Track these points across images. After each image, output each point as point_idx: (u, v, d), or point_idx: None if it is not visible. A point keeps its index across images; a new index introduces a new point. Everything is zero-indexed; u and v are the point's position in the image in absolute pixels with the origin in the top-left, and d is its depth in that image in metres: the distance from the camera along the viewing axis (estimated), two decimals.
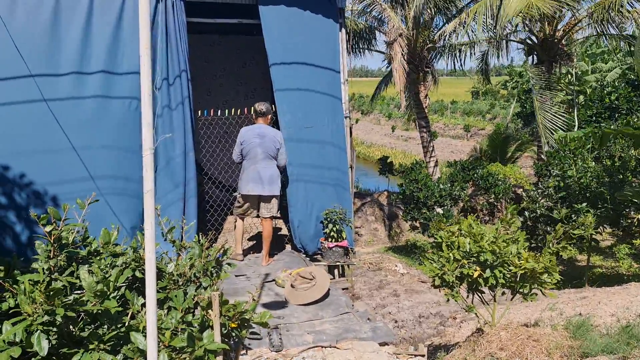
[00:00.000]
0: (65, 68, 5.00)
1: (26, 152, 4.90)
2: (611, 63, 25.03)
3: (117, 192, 5.18)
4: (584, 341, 4.00)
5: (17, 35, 4.80)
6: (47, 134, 4.96)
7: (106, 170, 5.16)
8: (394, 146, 32.88)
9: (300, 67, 6.18)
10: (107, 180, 5.14)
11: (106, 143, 5.17)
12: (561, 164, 9.26)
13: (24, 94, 4.87)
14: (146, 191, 2.02)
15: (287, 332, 4.17)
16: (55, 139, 4.97)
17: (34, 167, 4.91)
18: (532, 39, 13.96)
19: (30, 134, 4.91)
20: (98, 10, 5.11)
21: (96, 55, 5.10)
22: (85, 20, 5.05)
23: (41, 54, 4.92)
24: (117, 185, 5.18)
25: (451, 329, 6.88)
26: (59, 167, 5.00)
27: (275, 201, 5.93)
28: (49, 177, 4.94)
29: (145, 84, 1.98)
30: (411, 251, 11.74)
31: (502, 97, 44.99)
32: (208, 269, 3.20)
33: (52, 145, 4.97)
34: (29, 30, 4.88)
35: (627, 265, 10.02)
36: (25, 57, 4.82)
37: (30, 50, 4.86)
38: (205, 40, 8.46)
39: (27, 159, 4.90)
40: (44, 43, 4.93)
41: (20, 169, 4.88)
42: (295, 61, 6.17)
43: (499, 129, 20.43)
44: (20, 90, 4.86)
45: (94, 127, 5.11)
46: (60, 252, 2.99)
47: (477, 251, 4.40)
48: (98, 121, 5.13)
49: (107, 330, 2.63)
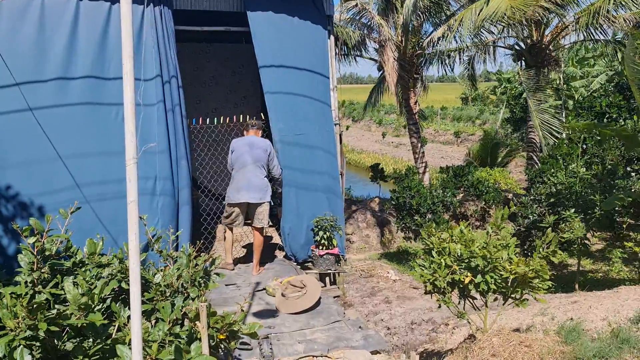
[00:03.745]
0: (50, 75, 4.96)
1: (14, 163, 4.84)
2: (598, 67, 25.27)
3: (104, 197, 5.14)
4: (576, 346, 3.99)
5: (2, 44, 4.75)
6: (34, 143, 4.90)
7: (93, 177, 5.12)
8: (384, 152, 32.97)
9: (290, 72, 6.18)
10: (93, 187, 5.09)
11: (94, 150, 5.12)
12: (553, 170, 9.31)
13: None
14: (130, 201, 1.98)
15: (277, 342, 4.12)
16: (42, 148, 4.92)
17: (22, 178, 4.85)
18: (520, 45, 14.09)
19: (18, 144, 4.86)
20: (83, 18, 5.07)
21: (82, 63, 5.06)
22: (71, 29, 5.01)
23: (26, 62, 4.87)
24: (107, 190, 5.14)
25: (443, 335, 6.85)
26: (49, 176, 4.94)
27: (266, 209, 5.89)
28: (39, 187, 4.89)
29: (128, 92, 1.95)
30: (403, 258, 11.72)
31: (492, 102, 45.29)
32: (196, 279, 3.15)
33: (39, 155, 4.91)
34: (14, 39, 4.83)
35: (617, 269, 10.06)
36: (10, 66, 4.77)
37: (14, 59, 4.81)
38: (193, 48, 8.44)
39: (14, 169, 4.84)
40: (29, 52, 4.88)
41: (7, 180, 4.82)
42: (285, 65, 6.16)
43: (489, 134, 20.56)
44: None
45: (83, 134, 5.08)
46: (44, 263, 2.93)
47: (468, 256, 4.38)
48: (87, 128, 5.10)
49: (93, 344, 2.58)
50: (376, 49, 13.80)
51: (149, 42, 5.31)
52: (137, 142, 1.99)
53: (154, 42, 5.36)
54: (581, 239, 7.76)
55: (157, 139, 5.27)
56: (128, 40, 1.93)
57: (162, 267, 3.30)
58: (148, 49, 5.31)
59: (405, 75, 13.42)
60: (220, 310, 3.24)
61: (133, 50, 1.98)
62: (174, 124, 5.51)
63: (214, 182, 7.31)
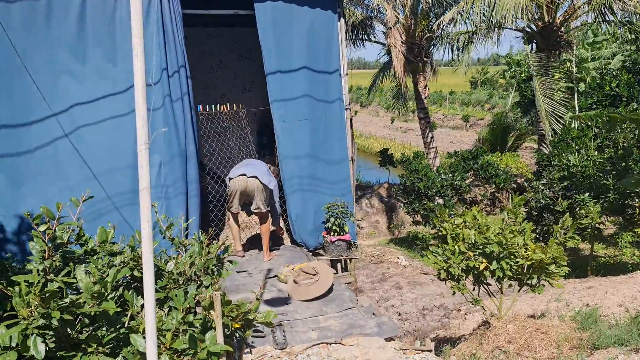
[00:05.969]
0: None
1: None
2: (610, 50, 24.82)
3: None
4: (593, 333, 3.92)
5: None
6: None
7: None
8: (393, 137, 32.77)
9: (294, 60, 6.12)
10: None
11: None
12: (564, 154, 9.16)
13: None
14: (142, 188, 1.93)
15: (291, 329, 4.08)
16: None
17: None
18: (531, 27, 13.81)
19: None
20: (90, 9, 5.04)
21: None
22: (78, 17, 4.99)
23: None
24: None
25: (456, 321, 6.81)
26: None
27: (267, 195, 5.73)
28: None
29: (139, 75, 1.88)
30: (413, 243, 11.66)
31: (501, 86, 44.82)
32: (209, 267, 3.11)
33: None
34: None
35: (630, 254, 9.94)
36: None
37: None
38: (200, 32, 8.32)
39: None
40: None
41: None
42: (290, 54, 6.09)
43: (498, 118, 20.33)
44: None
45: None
46: (56, 252, 2.90)
47: (483, 243, 4.31)
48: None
49: (106, 333, 2.54)
50: (384, 32, 13.59)
51: (157, 28, 5.24)
52: (149, 128, 1.93)
53: (162, 27, 5.28)
54: (594, 224, 7.66)
55: (163, 130, 5.26)
56: (138, 20, 1.86)
57: (175, 255, 3.27)
58: (156, 35, 5.24)
59: (413, 59, 13.23)
60: (233, 298, 3.20)
61: (142, 32, 1.91)
62: (182, 113, 5.44)
63: (223, 168, 7.26)
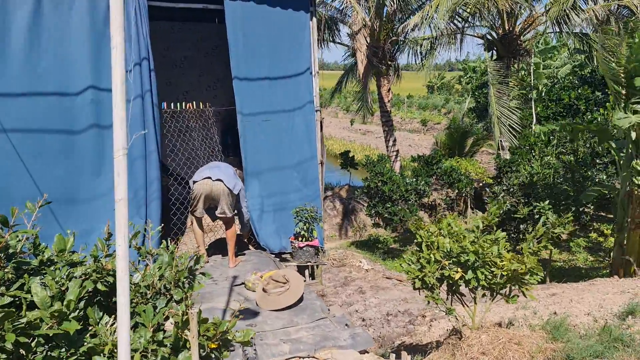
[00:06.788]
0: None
1: None
2: (559, 60, 25.72)
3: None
4: (566, 343, 3.93)
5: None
6: None
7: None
8: (353, 139, 32.85)
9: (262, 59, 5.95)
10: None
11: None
12: (523, 161, 9.35)
13: None
14: (118, 199, 1.70)
15: (261, 342, 3.89)
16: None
17: None
18: (492, 35, 14.10)
19: None
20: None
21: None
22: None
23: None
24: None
25: (421, 327, 6.75)
26: None
27: (232, 200, 5.50)
28: None
29: (118, 69, 1.65)
30: (374, 246, 11.62)
31: (457, 92, 45.81)
32: (180, 279, 2.88)
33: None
34: None
35: (583, 259, 10.28)
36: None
37: None
38: (164, 26, 7.96)
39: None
40: None
41: None
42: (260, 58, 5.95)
43: (454, 123, 20.68)
44: None
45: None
46: (8, 262, 2.60)
47: (458, 252, 4.25)
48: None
49: (65, 354, 2.29)
50: (349, 34, 13.54)
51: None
52: (128, 131, 1.71)
53: (125, 18, 4.96)
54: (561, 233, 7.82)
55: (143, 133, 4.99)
56: (118, 9, 1.63)
57: (142, 265, 3.01)
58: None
59: (378, 62, 13.22)
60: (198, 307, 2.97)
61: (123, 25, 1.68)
62: (142, 113, 5.12)
63: (186, 168, 6.96)
